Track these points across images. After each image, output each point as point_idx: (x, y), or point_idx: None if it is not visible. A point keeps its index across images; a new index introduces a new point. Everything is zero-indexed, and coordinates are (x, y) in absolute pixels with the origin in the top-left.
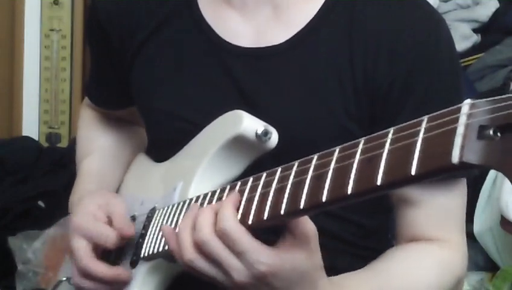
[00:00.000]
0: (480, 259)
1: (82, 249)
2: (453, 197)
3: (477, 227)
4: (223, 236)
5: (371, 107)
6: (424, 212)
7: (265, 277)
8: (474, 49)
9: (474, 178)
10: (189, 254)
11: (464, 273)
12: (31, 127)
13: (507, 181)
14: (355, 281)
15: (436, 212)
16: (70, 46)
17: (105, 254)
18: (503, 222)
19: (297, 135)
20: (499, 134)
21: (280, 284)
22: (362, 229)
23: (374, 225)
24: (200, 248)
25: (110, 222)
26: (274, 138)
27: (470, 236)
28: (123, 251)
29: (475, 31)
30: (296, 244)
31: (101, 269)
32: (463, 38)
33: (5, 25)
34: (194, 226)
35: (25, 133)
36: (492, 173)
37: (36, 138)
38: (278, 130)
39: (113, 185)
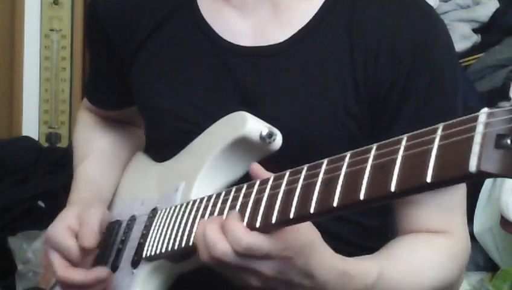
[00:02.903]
0: (480, 259)
1: (56, 261)
2: (454, 193)
3: (477, 227)
4: (246, 252)
5: (372, 106)
6: (425, 208)
7: (291, 259)
8: (474, 49)
9: None
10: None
11: (465, 265)
12: (31, 127)
13: (507, 181)
14: (362, 259)
15: (438, 208)
16: (70, 46)
17: (104, 253)
18: (503, 222)
19: (297, 135)
20: None
21: (302, 263)
22: (362, 228)
23: (374, 224)
24: (222, 262)
25: None
26: (278, 140)
27: (470, 236)
28: (122, 251)
29: (475, 31)
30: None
31: (79, 276)
32: (463, 38)
33: (5, 25)
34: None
35: (25, 133)
36: None
37: (36, 138)
38: (277, 129)
39: (112, 188)
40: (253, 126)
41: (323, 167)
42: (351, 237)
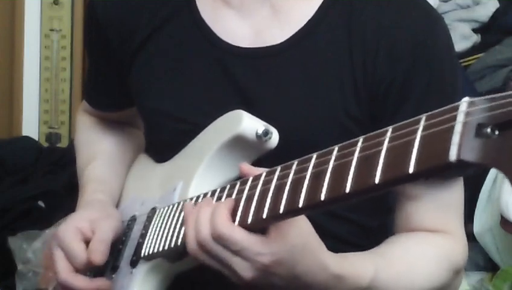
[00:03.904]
0: (480, 259)
1: (60, 262)
2: (452, 192)
3: (477, 227)
4: (219, 240)
5: (371, 107)
6: (423, 207)
7: (270, 267)
8: (474, 49)
9: (474, 178)
10: (194, 248)
11: (463, 266)
12: (31, 127)
13: (507, 181)
14: (358, 259)
15: (435, 206)
16: (70, 46)
17: None
18: (503, 222)
19: (296, 135)
20: (496, 132)
21: (285, 270)
22: (362, 229)
23: (373, 225)
24: (202, 247)
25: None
26: (274, 138)
27: (470, 236)
28: (122, 251)
29: (475, 31)
30: (286, 222)
31: (81, 283)
32: (463, 38)
33: (5, 25)
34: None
35: (25, 133)
36: (492, 173)
37: (36, 138)
38: (277, 130)
39: (118, 190)
40: (249, 124)
41: (313, 161)
42: (349, 236)
